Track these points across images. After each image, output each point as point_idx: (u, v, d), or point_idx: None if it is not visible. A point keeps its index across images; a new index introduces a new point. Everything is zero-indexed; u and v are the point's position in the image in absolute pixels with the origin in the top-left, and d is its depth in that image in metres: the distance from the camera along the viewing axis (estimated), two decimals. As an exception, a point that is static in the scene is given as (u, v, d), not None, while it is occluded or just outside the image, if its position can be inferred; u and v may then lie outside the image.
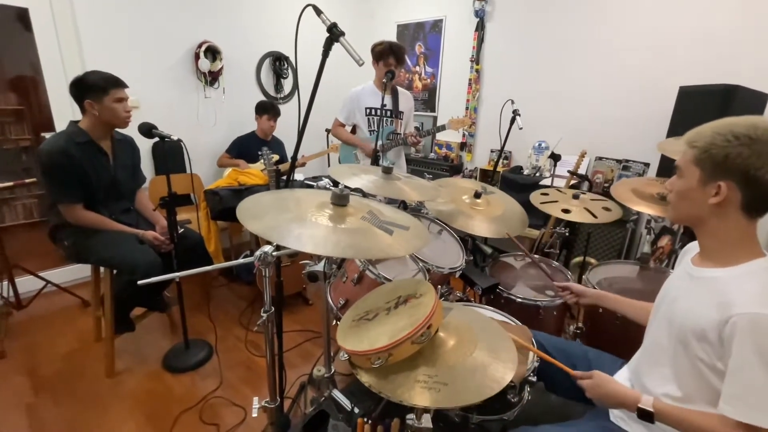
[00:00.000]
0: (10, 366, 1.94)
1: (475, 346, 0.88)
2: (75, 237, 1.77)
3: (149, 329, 2.25)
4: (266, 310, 0.98)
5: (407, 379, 0.81)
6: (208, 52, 2.89)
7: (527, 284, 1.75)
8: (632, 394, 0.93)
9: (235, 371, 1.98)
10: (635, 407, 0.88)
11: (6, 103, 3.53)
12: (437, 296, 0.84)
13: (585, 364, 1.21)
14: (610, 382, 0.97)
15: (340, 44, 1.07)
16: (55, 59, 2.42)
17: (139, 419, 1.67)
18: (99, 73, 1.70)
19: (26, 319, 2.30)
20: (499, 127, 2.27)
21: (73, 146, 1.68)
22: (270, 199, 0.94)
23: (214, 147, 3.09)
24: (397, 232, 0.87)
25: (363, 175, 1.31)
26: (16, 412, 1.68)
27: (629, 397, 0.92)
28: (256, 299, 2.60)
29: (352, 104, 2.46)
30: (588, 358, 1.22)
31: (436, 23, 3.59)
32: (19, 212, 3.55)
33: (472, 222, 1.62)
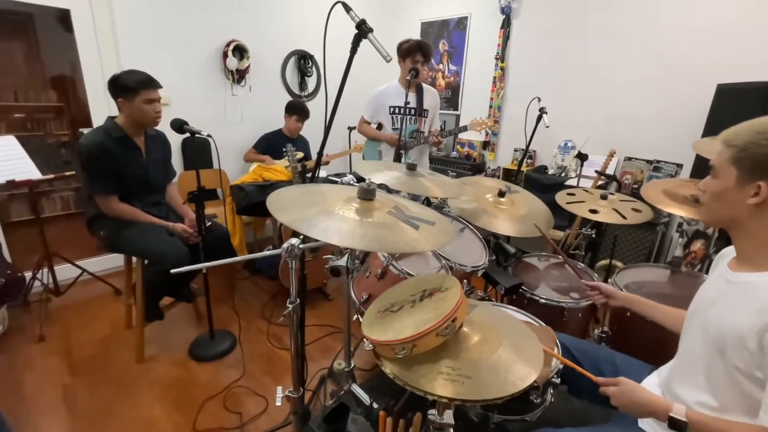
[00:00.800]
0: (48, 349, 2.06)
1: (499, 343, 0.87)
2: (110, 228, 1.85)
3: (176, 319, 2.33)
4: (292, 302, 1.00)
5: (430, 371, 0.81)
6: (236, 50, 2.96)
7: (551, 285, 1.72)
8: (663, 402, 0.89)
9: (257, 362, 2.03)
10: (666, 416, 0.85)
11: (47, 100, 3.72)
12: (463, 291, 0.84)
13: (611, 369, 1.18)
14: (638, 389, 0.93)
15: (368, 41, 1.07)
16: (93, 58, 2.53)
17: (166, 404, 1.74)
18: (133, 73, 1.76)
19: (63, 305, 2.43)
20: (524, 125, 2.23)
21: (109, 141, 1.76)
22: (298, 193, 0.96)
23: (240, 143, 3.17)
24: (423, 227, 0.88)
25: (387, 171, 1.31)
26: (54, 392, 1.78)
27: (660, 405, 0.88)
28: (278, 293, 2.65)
29: (377, 103, 2.48)
30: (615, 363, 1.19)
31: (461, 21, 3.56)
32: (57, 204, 3.74)
33: (495, 221, 1.60)
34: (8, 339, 2.10)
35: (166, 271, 1.74)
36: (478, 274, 1.52)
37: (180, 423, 1.65)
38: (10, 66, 3.54)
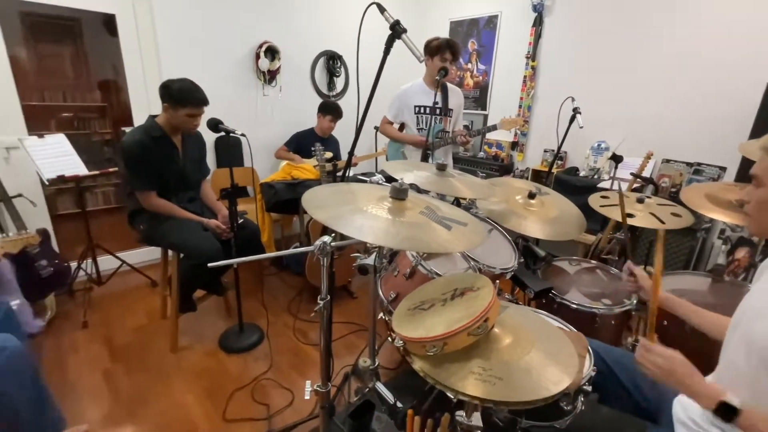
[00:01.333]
0: (91, 335, 2.18)
1: (531, 346, 0.86)
2: (149, 222, 1.95)
3: (208, 311, 2.42)
4: (323, 298, 1.02)
5: (461, 369, 0.81)
6: (267, 51, 3.04)
7: (582, 290, 1.68)
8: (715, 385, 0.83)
9: (284, 356, 2.08)
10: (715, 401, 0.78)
11: (92, 100, 3.95)
12: (495, 291, 0.83)
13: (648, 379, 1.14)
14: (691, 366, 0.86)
15: (401, 41, 1.08)
16: (135, 60, 2.66)
17: (198, 392, 1.81)
18: (185, 88, 1.81)
19: (104, 294, 2.57)
20: (556, 126, 2.18)
21: (149, 140, 1.85)
22: (331, 191, 0.98)
23: (270, 142, 3.24)
24: (455, 227, 0.88)
25: (417, 171, 1.32)
26: (96, 376, 1.88)
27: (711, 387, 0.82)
28: (303, 289, 2.70)
29: (401, 102, 2.47)
30: (651, 373, 1.14)
31: (491, 19, 3.51)
32: (99, 198, 3.96)
33: (525, 223, 1.58)
34: (55, 324, 2.24)
35: (201, 264, 1.83)
36: (506, 277, 1.50)
37: (210, 411, 1.71)
38: (60, 69, 3.78)
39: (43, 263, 2.19)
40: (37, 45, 3.59)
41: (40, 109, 3.55)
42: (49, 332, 2.17)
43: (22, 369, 1.27)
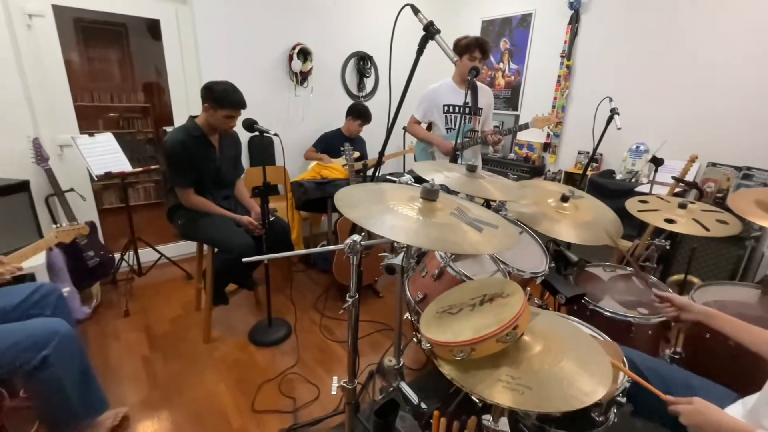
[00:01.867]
0: (131, 323, 2.31)
1: (563, 355, 0.84)
2: (186, 217, 2.04)
3: (239, 305, 2.50)
4: (351, 296, 1.04)
5: (489, 377, 0.80)
6: (300, 53, 3.11)
7: (616, 298, 1.62)
8: (743, 424, 0.81)
9: (310, 351, 2.12)
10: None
11: (136, 101, 4.17)
12: (526, 298, 0.82)
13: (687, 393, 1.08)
14: (714, 409, 0.85)
15: (435, 42, 1.08)
16: (176, 63, 2.79)
17: (229, 382, 1.88)
18: (227, 90, 1.88)
19: (144, 284, 2.71)
20: (592, 127, 2.10)
21: (189, 139, 1.94)
22: (362, 191, 0.99)
23: (301, 142, 3.31)
24: (487, 230, 0.87)
25: (447, 172, 1.31)
26: (135, 362, 1.99)
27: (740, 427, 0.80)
28: (330, 287, 2.74)
29: (430, 101, 2.46)
30: (691, 386, 1.09)
31: (525, 17, 3.43)
32: (141, 194, 4.18)
33: (557, 226, 1.54)
34: (99, 311, 2.39)
35: (234, 259, 1.90)
36: (536, 281, 1.46)
37: (240, 401, 1.77)
38: (108, 71, 4.02)
39: (90, 254, 2.35)
40: (88, 49, 3.83)
41: (90, 109, 3.79)
42: (94, 319, 2.31)
43: (72, 352, 1.37)
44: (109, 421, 1.56)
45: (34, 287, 1.50)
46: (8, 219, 2.07)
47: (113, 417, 1.58)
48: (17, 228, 2.10)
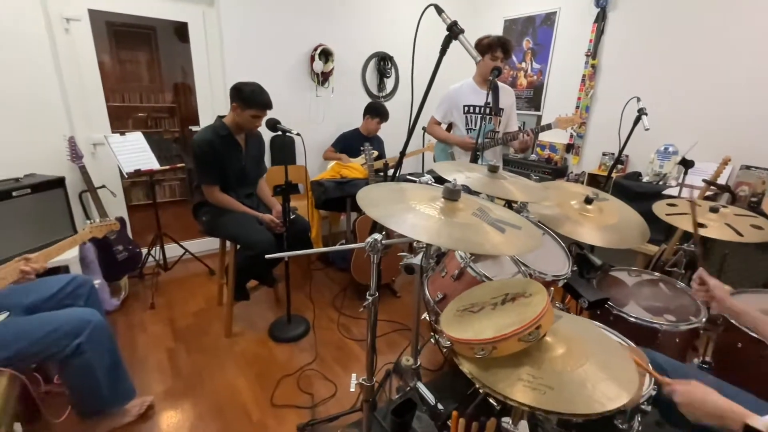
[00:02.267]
0: (157, 316, 2.39)
1: (586, 359, 0.83)
2: (211, 214, 2.10)
3: (259, 301, 2.55)
4: (371, 294, 1.05)
5: (510, 375, 0.80)
6: (322, 54, 3.14)
7: (641, 304, 1.57)
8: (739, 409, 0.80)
9: (328, 349, 2.15)
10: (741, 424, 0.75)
11: (163, 101, 4.31)
12: (549, 299, 0.81)
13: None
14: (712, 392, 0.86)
15: (458, 42, 1.08)
16: (203, 64, 2.87)
17: (249, 376, 1.92)
18: (255, 91, 1.95)
19: (169, 279, 2.80)
20: (618, 127, 2.05)
21: (216, 138, 1.99)
22: (383, 190, 1.00)
23: (321, 142, 3.35)
24: (509, 230, 0.86)
25: (468, 172, 1.31)
26: (160, 353, 2.06)
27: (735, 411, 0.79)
28: (348, 286, 2.77)
29: (450, 102, 2.45)
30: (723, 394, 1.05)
31: (549, 16, 3.37)
32: (167, 191, 4.32)
33: (580, 229, 1.51)
34: (127, 304, 2.48)
35: (256, 256, 1.94)
36: (558, 284, 1.44)
37: (259, 395, 1.81)
38: (137, 73, 4.17)
39: (119, 248, 2.44)
40: (119, 51, 3.99)
41: (121, 109, 3.94)
42: (122, 311, 2.41)
43: (104, 341, 1.43)
44: (136, 409, 1.63)
45: (68, 279, 1.57)
46: (45, 213, 2.18)
47: (140, 405, 1.64)
48: (53, 222, 2.21)
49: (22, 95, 2.22)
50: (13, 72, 2.18)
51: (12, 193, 2.02)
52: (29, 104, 2.25)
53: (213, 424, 1.64)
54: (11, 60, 2.16)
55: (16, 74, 2.19)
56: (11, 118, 2.21)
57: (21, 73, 2.20)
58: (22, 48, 2.18)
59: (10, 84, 2.18)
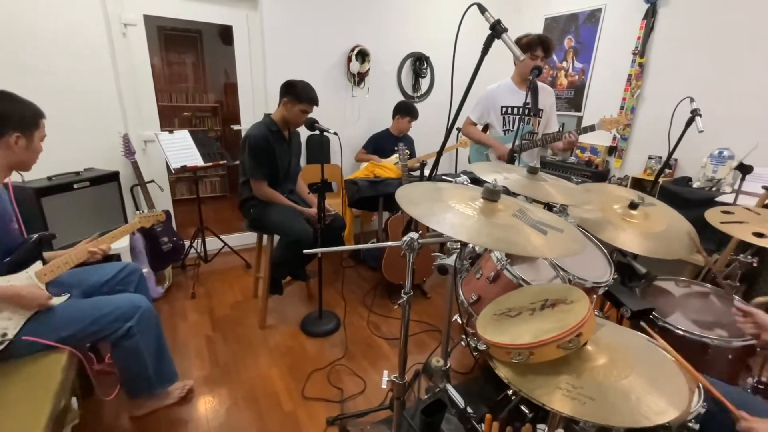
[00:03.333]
0: (197, 305, 2.51)
1: (630, 370, 0.79)
2: (257, 208, 2.18)
3: (292, 295, 2.62)
4: (406, 292, 1.06)
5: (547, 383, 0.78)
6: (358, 55, 3.18)
7: (689, 317, 1.48)
8: None
9: (358, 346, 2.17)
10: None
11: (207, 101, 4.52)
12: (592, 306, 0.78)
13: None
14: None
15: (501, 41, 1.07)
16: (245, 66, 2.98)
17: (281, 368, 1.98)
18: (306, 87, 2.07)
19: (209, 270, 2.93)
20: (668, 129, 1.94)
21: (269, 134, 2.09)
22: (422, 189, 1.01)
23: (354, 141, 3.40)
24: (551, 233, 0.84)
25: (506, 173, 1.28)
26: (199, 340, 2.16)
27: None
28: (378, 284, 2.79)
29: (487, 102, 2.41)
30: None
31: (593, 13, 3.24)
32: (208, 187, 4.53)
33: (623, 235, 1.44)
34: (170, 293, 2.63)
35: (297, 245, 2.00)
36: (598, 292, 1.38)
37: (291, 387, 1.86)
38: (183, 74, 4.40)
39: (164, 239, 2.59)
40: (168, 54, 4.23)
41: (169, 109, 4.18)
42: (166, 299, 2.55)
43: (151, 326, 1.52)
44: (177, 392, 1.72)
45: (121, 266, 1.69)
46: (101, 204, 2.34)
47: (180, 388, 1.74)
48: (107, 213, 2.38)
49: (84, 96, 2.41)
50: (76, 75, 2.36)
51: (73, 186, 2.19)
52: (90, 104, 2.44)
53: (247, 411, 1.71)
54: (75, 63, 2.34)
55: (79, 77, 2.37)
56: (74, 117, 2.40)
57: (83, 75, 2.38)
58: (85, 52, 2.36)
59: (73, 86, 2.36)
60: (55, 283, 1.40)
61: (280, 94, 2.10)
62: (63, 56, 2.30)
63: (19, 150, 1.27)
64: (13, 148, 1.26)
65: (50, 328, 1.31)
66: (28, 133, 1.29)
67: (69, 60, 2.32)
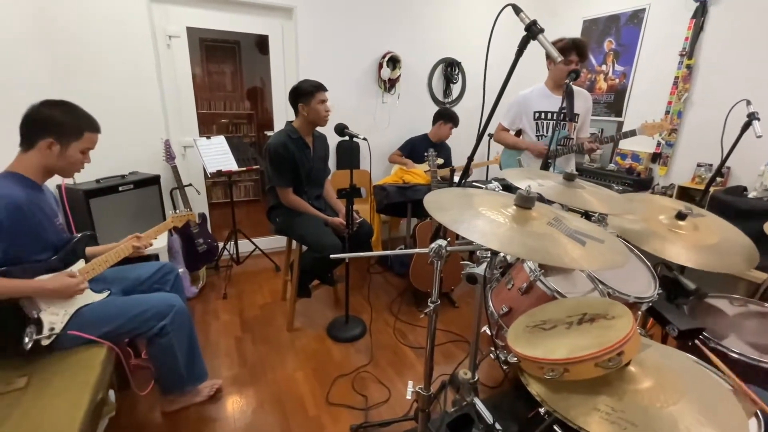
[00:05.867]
0: (229, 305, 2.58)
1: (680, 396, 0.72)
2: (284, 216, 2.21)
3: (319, 299, 2.64)
4: (433, 301, 1.03)
5: (584, 403, 0.72)
6: (390, 61, 3.20)
7: (745, 339, 1.35)
8: None
9: (383, 353, 2.15)
10: None
11: (243, 109, 4.69)
12: (636, 323, 0.72)
13: None
14: None
15: (537, 42, 1.03)
16: (279, 74, 3.07)
17: (307, 371, 1.99)
18: (307, 80, 2.10)
19: (240, 272, 3.01)
20: (721, 134, 1.81)
21: (289, 141, 2.11)
22: (451, 196, 0.98)
23: (384, 147, 3.40)
24: (591, 243, 0.79)
25: (541, 180, 1.23)
26: (229, 341, 2.21)
27: None
28: (405, 291, 2.76)
29: (519, 108, 2.34)
30: None
31: (636, 14, 3.09)
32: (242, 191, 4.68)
33: (670, 247, 1.34)
34: (204, 292, 2.72)
35: (322, 257, 2.01)
36: (641, 308, 1.29)
37: (316, 391, 1.86)
38: (222, 83, 4.59)
39: (200, 241, 2.68)
40: (208, 64, 4.43)
41: (207, 116, 4.37)
42: (199, 298, 2.63)
43: (184, 324, 1.57)
44: (206, 390, 1.76)
45: (159, 265, 1.76)
46: (143, 206, 2.47)
47: (210, 387, 1.78)
48: (148, 214, 2.50)
49: (130, 103, 2.56)
50: (123, 83, 2.51)
51: (119, 188, 2.32)
52: (135, 111, 2.58)
53: (273, 413, 1.72)
54: (123, 73, 2.49)
55: (126, 85, 2.52)
56: (122, 123, 2.55)
57: (130, 84, 2.53)
58: (132, 62, 2.51)
59: (121, 93, 2.51)
60: (96, 280, 1.48)
61: (292, 104, 2.13)
62: (112, 66, 2.46)
63: (51, 155, 1.30)
64: (45, 153, 1.29)
65: (93, 323, 1.38)
66: (64, 142, 1.31)
67: (118, 70, 2.48)
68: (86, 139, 1.36)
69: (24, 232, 1.25)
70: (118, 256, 1.53)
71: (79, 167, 1.40)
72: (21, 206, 1.22)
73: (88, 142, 1.37)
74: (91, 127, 1.38)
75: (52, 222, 1.37)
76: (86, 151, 1.38)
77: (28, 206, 1.25)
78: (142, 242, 1.60)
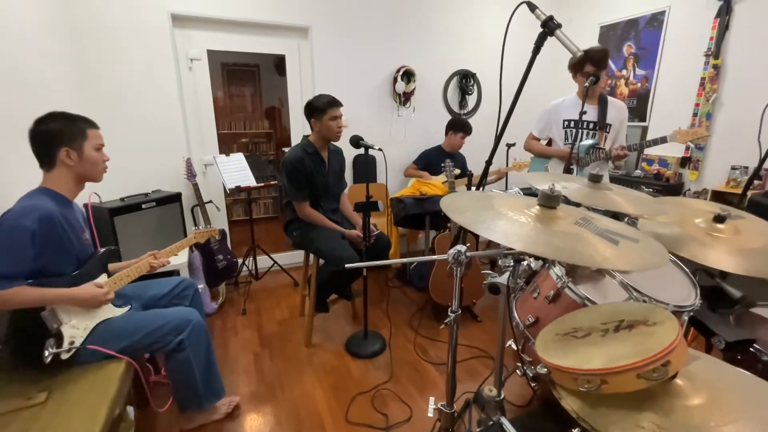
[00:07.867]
0: (247, 321, 2.56)
1: (738, 416, 0.64)
2: (301, 230, 2.21)
3: (337, 314, 2.60)
4: (453, 311, 0.97)
5: (625, 419, 0.65)
6: (404, 75, 3.22)
7: (803, 352, 1.22)
8: None
9: (404, 369, 2.07)
10: None
11: (262, 128, 4.80)
12: (681, 330, 0.65)
13: None
14: None
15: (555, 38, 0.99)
16: (296, 93, 3.13)
17: (325, 388, 1.93)
18: (321, 96, 2.10)
19: (259, 288, 3.01)
20: (757, 135, 1.70)
21: (305, 156, 2.12)
22: (469, 198, 0.93)
23: (401, 160, 3.39)
24: (624, 243, 0.73)
25: (565, 182, 1.17)
26: (247, 356, 2.19)
27: None
28: (425, 305, 2.68)
29: (549, 116, 2.32)
30: None
31: (656, 16, 3.02)
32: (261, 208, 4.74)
33: (709, 252, 1.24)
34: (223, 308, 2.72)
35: (338, 271, 1.98)
36: (682, 317, 1.19)
37: (335, 409, 1.79)
38: (242, 104, 4.74)
39: (220, 257, 2.70)
40: (229, 87, 4.59)
41: (228, 135, 4.49)
42: (219, 314, 2.63)
43: (201, 339, 1.55)
44: (224, 407, 1.73)
45: (178, 281, 1.77)
46: (165, 223, 2.51)
47: (227, 404, 1.74)
48: (170, 231, 2.54)
49: (154, 123, 2.65)
50: (147, 104, 2.61)
51: (142, 206, 2.37)
52: (158, 131, 2.67)
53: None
54: (147, 94, 2.60)
55: (150, 106, 2.62)
56: (145, 142, 2.64)
57: (154, 105, 2.63)
58: (156, 84, 2.61)
59: (145, 114, 2.61)
60: (117, 295, 1.49)
61: (307, 119, 2.15)
62: (138, 90, 2.56)
63: (74, 163, 1.33)
64: (68, 163, 1.32)
65: (112, 338, 1.38)
66: (76, 145, 1.33)
67: (143, 93, 2.58)
68: (91, 135, 1.38)
69: (53, 243, 1.28)
70: (139, 272, 1.54)
71: (103, 166, 1.43)
72: (52, 217, 1.26)
73: (95, 138, 1.39)
74: (88, 124, 1.39)
75: (78, 236, 1.40)
76: (99, 148, 1.41)
77: (58, 218, 1.28)
78: (158, 261, 1.61)
